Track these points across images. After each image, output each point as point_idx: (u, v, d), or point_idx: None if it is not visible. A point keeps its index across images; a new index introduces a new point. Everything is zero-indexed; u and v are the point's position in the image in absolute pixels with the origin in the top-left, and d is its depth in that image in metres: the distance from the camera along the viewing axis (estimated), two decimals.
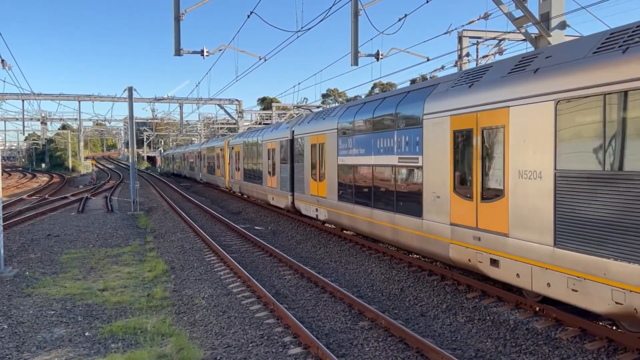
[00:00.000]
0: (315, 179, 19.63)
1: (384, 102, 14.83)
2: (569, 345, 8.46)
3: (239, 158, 34.02)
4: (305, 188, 20.91)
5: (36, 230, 22.23)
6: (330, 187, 18.16)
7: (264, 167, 27.13)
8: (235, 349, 8.99)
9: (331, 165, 18.01)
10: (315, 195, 19.69)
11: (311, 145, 20.09)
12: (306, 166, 20.68)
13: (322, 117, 19.68)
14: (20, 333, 10.10)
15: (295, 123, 23.10)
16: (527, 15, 13.06)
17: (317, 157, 19.44)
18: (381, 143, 14.61)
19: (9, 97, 53.00)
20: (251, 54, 26.14)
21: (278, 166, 24.51)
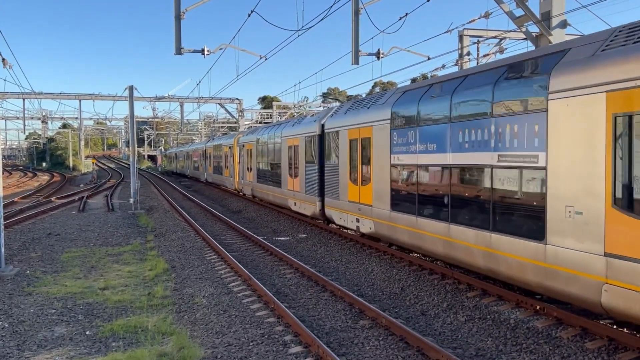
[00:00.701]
0: (356, 182, 16.45)
1: (470, 81, 11.32)
2: (570, 344, 8.46)
3: (251, 157, 30.74)
4: (340, 193, 17.70)
5: (37, 229, 22.24)
6: (379, 193, 14.81)
7: (284, 168, 23.90)
8: (235, 347, 9.00)
9: (380, 165, 14.71)
10: (356, 202, 16.45)
11: (349, 141, 16.85)
12: (342, 166, 17.50)
13: (365, 106, 16.28)
14: (21, 332, 10.10)
15: (325, 115, 20.13)
16: (528, 14, 13.05)
17: (357, 155, 16.25)
18: (466, 136, 11.01)
19: (10, 95, 53.02)
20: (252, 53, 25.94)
21: (302, 166, 21.37)
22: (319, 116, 20.84)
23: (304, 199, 21.32)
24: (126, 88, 32.62)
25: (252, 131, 33.29)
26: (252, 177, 30.29)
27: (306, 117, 23.15)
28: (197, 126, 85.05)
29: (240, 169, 34.03)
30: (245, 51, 25.84)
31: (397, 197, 13.93)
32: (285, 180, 23.79)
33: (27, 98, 55.63)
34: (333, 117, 18.59)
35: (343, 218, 17.69)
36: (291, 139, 22.95)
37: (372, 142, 15.29)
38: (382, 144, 14.66)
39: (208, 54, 22.25)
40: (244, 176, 32.98)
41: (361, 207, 16.08)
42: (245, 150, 32.29)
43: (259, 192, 29.00)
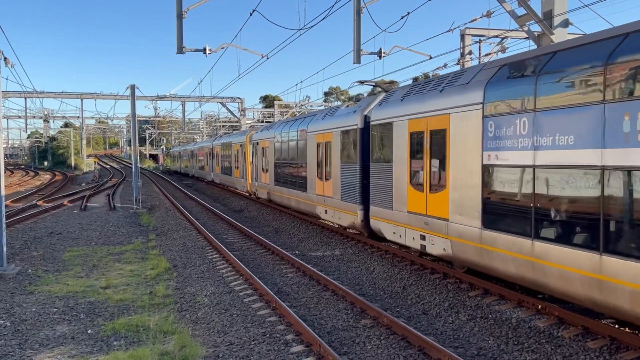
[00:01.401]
0: (420, 188, 12.97)
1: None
2: (571, 343, 8.45)
3: (267, 156, 27.40)
4: (395, 201, 14.24)
5: (39, 228, 22.27)
6: (461, 204, 11.26)
7: (310, 169, 20.69)
8: (237, 346, 9.00)
9: (463, 166, 11.19)
10: (420, 214, 12.93)
11: (410, 134, 13.42)
12: (398, 167, 14.08)
13: (435, 89, 12.66)
14: (23, 330, 10.12)
15: (368, 104, 16.85)
16: (530, 13, 13.03)
17: (424, 152, 12.77)
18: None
19: (12, 94, 53.08)
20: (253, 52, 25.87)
21: (336, 167, 18.18)
22: (359, 106, 17.36)
23: (338, 206, 18.01)
24: (128, 87, 32.65)
25: (268, 127, 29.61)
26: (269, 179, 27.04)
27: (339, 108, 19.82)
28: (198, 125, 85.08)
29: (254, 170, 30.75)
30: (247, 50, 25.85)
31: (496, 210, 10.22)
32: (313, 184, 20.51)
33: (29, 97, 55.73)
34: (382, 106, 15.05)
35: (399, 233, 14.07)
36: (320, 135, 19.73)
37: (448, 134, 11.65)
38: (467, 138, 11.00)
39: (210, 53, 22.24)
40: (258, 178, 29.74)
41: (429, 220, 12.40)
42: (260, 148, 28.93)
43: (277, 196, 25.78)
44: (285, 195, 24.24)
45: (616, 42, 8.04)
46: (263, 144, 28.42)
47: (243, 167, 33.99)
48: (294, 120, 24.34)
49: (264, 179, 28.08)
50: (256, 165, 30.11)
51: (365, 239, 17.01)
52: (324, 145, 19.37)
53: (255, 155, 30.46)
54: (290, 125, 23.92)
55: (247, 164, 32.78)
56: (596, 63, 8.13)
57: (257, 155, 29.71)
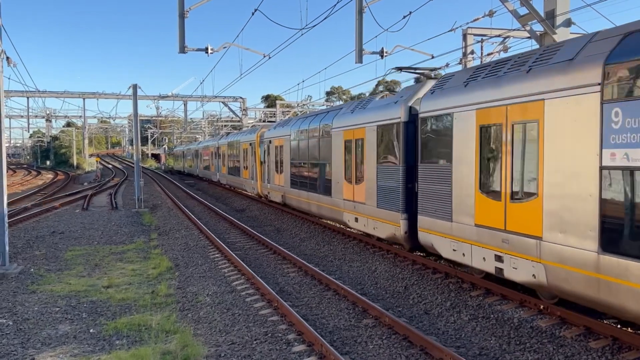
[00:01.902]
0: (495, 196, 10.41)
1: None
2: (574, 343, 8.44)
3: (281, 155, 25.03)
4: (454, 210, 11.71)
5: (41, 227, 22.30)
6: (562, 218, 8.80)
7: (336, 170, 18.42)
8: (239, 346, 9.01)
9: (564, 168, 8.80)
10: (497, 230, 10.32)
11: (480, 128, 10.83)
12: (460, 169, 11.51)
13: (521, 69, 10.00)
14: (25, 329, 10.14)
15: (413, 93, 14.35)
16: (532, 13, 13.02)
17: (501, 150, 10.25)
18: None
19: (14, 94, 53.18)
20: (255, 52, 25.87)
21: (371, 168, 15.81)
22: (400, 96, 14.88)
23: (373, 214, 15.64)
24: (130, 87, 32.69)
25: (282, 123, 27.02)
26: (284, 180, 24.64)
27: (372, 99, 17.17)
28: (200, 125, 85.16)
29: (266, 171, 28.35)
30: (249, 50, 25.85)
31: (623, 229, 7.77)
32: (339, 187, 18.21)
33: (31, 96, 55.83)
34: (436, 95, 12.59)
35: (461, 251, 11.52)
36: (349, 131, 17.31)
37: (542, 127, 9.26)
38: (574, 131, 8.60)
39: (212, 53, 22.26)
40: (270, 179, 27.31)
41: (510, 238, 9.93)
42: (273, 147, 26.48)
43: (294, 200, 23.32)
44: (304, 199, 21.90)
45: None
46: (277, 142, 25.92)
47: (253, 168, 31.54)
48: (314, 116, 21.91)
49: (278, 181, 25.77)
50: (268, 166, 27.70)
51: (406, 252, 14.76)
52: (354, 143, 16.91)
53: (267, 155, 27.95)
54: (310, 121, 21.44)
55: (258, 164, 30.29)
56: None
57: (270, 154, 27.27)
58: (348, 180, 17.49)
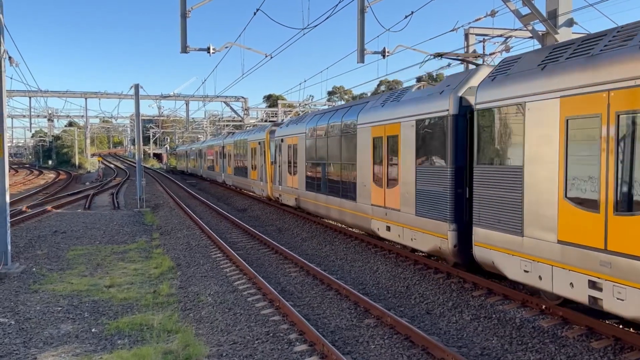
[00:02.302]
0: (590, 206, 8.38)
1: None
2: (575, 343, 8.43)
3: (295, 155, 23.08)
4: (526, 222, 9.66)
5: (43, 227, 22.33)
6: None
7: (362, 171, 16.36)
8: (241, 345, 9.01)
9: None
10: (595, 250, 8.24)
11: (567, 121, 8.89)
12: (534, 171, 9.53)
13: (631, 40, 8.02)
14: (27, 329, 10.15)
15: (463, 80, 12.23)
16: (534, 13, 12.99)
17: (603, 148, 8.18)
18: None
19: (16, 94, 53.26)
20: (257, 51, 25.82)
21: (408, 169, 13.58)
22: (447, 85, 12.65)
23: (411, 223, 13.56)
24: (132, 86, 32.75)
25: (296, 120, 25.01)
26: (298, 182, 22.75)
27: (406, 90, 14.92)
28: (202, 124, 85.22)
29: (277, 171, 26.35)
30: (251, 50, 25.84)
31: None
32: (366, 191, 16.18)
33: (33, 96, 55.92)
34: (498, 81, 10.50)
35: (538, 273, 9.37)
36: (379, 127, 15.22)
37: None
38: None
39: (214, 53, 22.25)
40: (282, 181, 25.34)
41: (614, 260, 7.85)
42: (286, 146, 24.59)
43: (310, 204, 21.43)
44: (322, 203, 19.96)
45: None
46: (290, 141, 23.98)
47: (262, 168, 29.49)
48: (333, 111, 20.06)
49: (291, 183, 23.81)
50: (280, 166, 25.72)
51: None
52: (386, 140, 14.81)
53: (278, 154, 25.93)
54: (329, 117, 19.57)
55: (268, 164, 28.11)
56: None
57: (282, 154, 25.28)
58: (377, 183, 15.39)
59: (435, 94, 12.81)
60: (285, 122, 27.27)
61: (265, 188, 28.97)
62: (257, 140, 30.83)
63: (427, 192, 12.85)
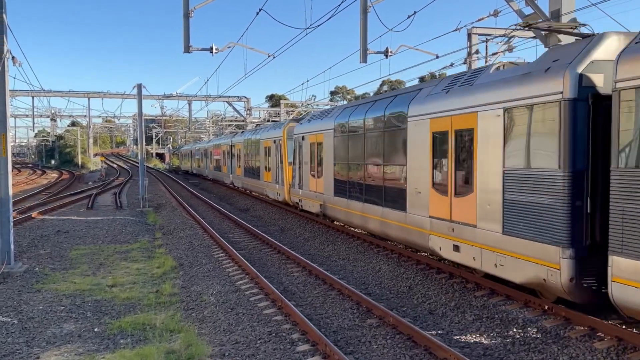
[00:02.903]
0: None
1: None
2: (578, 344, 8.42)
3: (319, 155, 20.30)
4: None
5: (46, 227, 22.36)
6: None
7: (414, 173, 13.48)
8: (243, 345, 9.02)
9: None
10: None
11: None
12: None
13: None
14: (30, 328, 10.17)
15: (586, 51, 9.17)
16: (537, 13, 12.97)
17: None
18: None
19: (19, 93, 53.35)
20: (260, 51, 25.78)
21: (488, 172, 10.75)
22: (554, 60, 9.73)
23: (497, 244, 10.45)
24: (135, 86, 32.76)
25: (320, 115, 21.90)
26: (324, 186, 19.83)
27: (483, 71, 11.95)
28: (205, 124, 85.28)
29: (297, 173, 23.27)
30: (254, 49, 25.82)
31: None
32: (421, 200, 13.14)
33: (36, 96, 56.03)
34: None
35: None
36: (442, 119, 12.30)
37: None
38: None
39: (216, 52, 22.25)
40: (303, 184, 22.38)
41: None
42: (308, 144, 21.74)
43: (340, 212, 18.39)
44: (357, 211, 16.87)
45: None
46: (313, 139, 21.05)
47: (277, 170, 26.59)
48: (371, 102, 16.89)
49: (314, 187, 20.89)
50: (300, 168, 22.75)
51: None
52: (454, 136, 11.83)
53: (298, 154, 22.98)
54: (366, 110, 16.52)
55: (285, 165, 25.25)
56: None
57: (303, 153, 22.37)
58: (439, 189, 12.36)
59: (535, 72, 9.81)
60: (306, 118, 24.65)
61: (281, 192, 26.04)
62: (271, 138, 27.83)
63: (524, 203, 9.72)
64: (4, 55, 14.46)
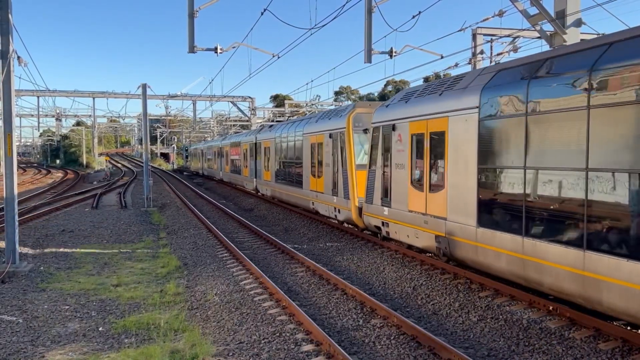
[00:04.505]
0: None
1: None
2: (583, 345, 8.40)
3: (435, 151, 12.95)
4: None
5: (51, 226, 22.43)
6: None
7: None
8: (247, 345, 9.03)
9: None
10: None
11: None
12: None
13: None
14: (35, 327, 10.20)
15: None
16: (542, 13, 12.95)
17: None
18: None
19: (25, 93, 53.48)
20: (264, 51, 25.78)
21: None
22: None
23: None
24: (139, 86, 32.83)
25: (433, 88, 13.77)
26: (451, 205, 12.20)
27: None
28: (209, 124, 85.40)
29: (381, 182, 15.59)
30: (258, 49, 25.87)
31: None
32: None
33: (41, 96, 56.15)
34: None
35: None
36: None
37: None
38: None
39: (221, 52, 22.29)
40: (394, 199, 14.83)
41: None
42: (407, 138, 14.09)
43: (505, 260, 10.37)
44: (557, 262, 9.10)
45: None
46: (421, 128, 13.46)
47: (337, 175, 19.21)
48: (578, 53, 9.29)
49: (423, 204, 13.35)
50: (386, 173, 15.28)
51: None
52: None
53: (382, 153, 15.49)
54: (560, 74, 9.25)
55: (350, 169, 18.12)
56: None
57: (393, 151, 14.90)
58: None
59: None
60: (394, 98, 15.98)
61: (344, 207, 18.66)
62: (325, 131, 20.57)
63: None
64: (10, 55, 14.51)
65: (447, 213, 12.33)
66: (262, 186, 31.44)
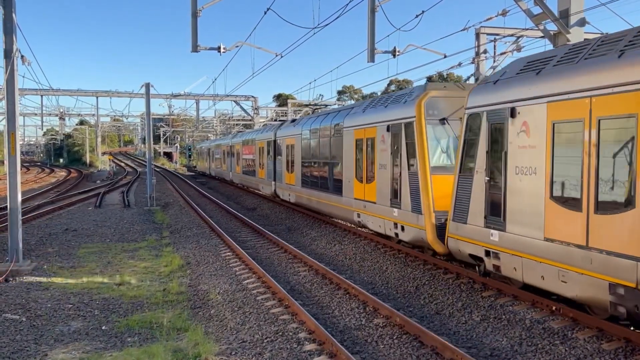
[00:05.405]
0: None
1: None
2: (586, 345, 8.38)
3: (596, 156, 8.03)
4: None
5: (54, 225, 22.48)
6: None
7: None
8: (250, 344, 9.03)
9: None
10: None
11: None
12: None
13: None
14: (38, 326, 10.22)
15: None
16: (546, 12, 12.93)
17: None
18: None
19: (28, 92, 53.58)
20: (267, 51, 25.76)
21: None
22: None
23: None
24: (143, 85, 32.88)
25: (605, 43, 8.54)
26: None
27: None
28: (212, 124, 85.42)
29: (486, 192, 10.82)
30: (261, 49, 25.84)
31: None
32: None
33: (45, 95, 56.22)
34: None
35: None
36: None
37: None
38: None
39: (224, 52, 22.29)
40: (511, 218, 10.07)
41: None
42: (545, 128, 9.16)
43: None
44: None
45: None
46: (589, 109, 8.23)
47: (398, 182, 14.68)
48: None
49: (608, 236, 7.95)
50: (507, 180, 10.22)
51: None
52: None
53: (495, 152, 10.70)
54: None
55: (424, 173, 13.54)
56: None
57: (520, 149, 9.87)
58: None
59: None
60: (504, 70, 11.18)
61: (413, 224, 13.96)
62: (379, 123, 15.94)
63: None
64: (14, 54, 14.54)
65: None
66: (284, 190, 26.81)
